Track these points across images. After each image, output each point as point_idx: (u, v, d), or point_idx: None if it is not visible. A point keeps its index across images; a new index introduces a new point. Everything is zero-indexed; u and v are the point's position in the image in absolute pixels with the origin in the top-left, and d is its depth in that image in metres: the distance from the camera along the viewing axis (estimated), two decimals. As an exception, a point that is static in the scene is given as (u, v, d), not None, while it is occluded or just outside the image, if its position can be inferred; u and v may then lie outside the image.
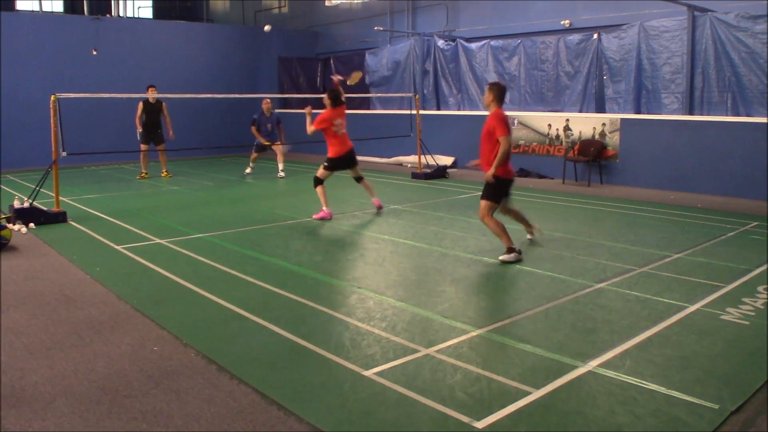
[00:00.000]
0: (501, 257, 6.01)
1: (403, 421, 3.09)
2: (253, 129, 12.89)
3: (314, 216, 8.21)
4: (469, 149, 14.36)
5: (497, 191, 6.11)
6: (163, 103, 12.49)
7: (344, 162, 8.36)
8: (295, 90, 19.19)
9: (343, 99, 8.44)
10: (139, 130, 12.34)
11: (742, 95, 10.39)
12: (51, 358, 3.86)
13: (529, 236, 6.94)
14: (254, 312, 4.63)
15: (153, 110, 12.38)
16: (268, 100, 12.86)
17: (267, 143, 12.84)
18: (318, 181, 8.28)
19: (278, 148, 12.87)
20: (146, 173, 12.75)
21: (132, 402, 3.29)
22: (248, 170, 13.32)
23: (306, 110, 8.44)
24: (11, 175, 13.06)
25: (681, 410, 3.16)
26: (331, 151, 8.26)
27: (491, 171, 5.97)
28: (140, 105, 12.35)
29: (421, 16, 16.91)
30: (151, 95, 12.08)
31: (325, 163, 8.31)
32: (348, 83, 9.22)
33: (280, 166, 12.95)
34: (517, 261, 5.99)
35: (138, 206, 9.43)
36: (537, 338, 4.13)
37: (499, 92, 6.11)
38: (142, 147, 12.48)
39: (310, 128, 8.20)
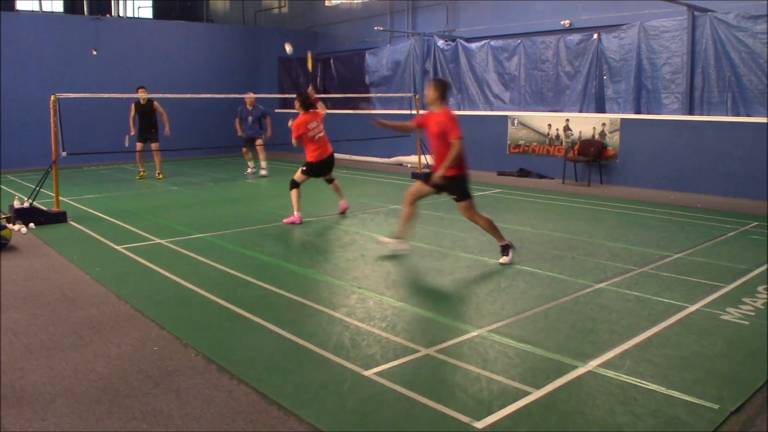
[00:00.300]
0: (501, 260, 6.00)
1: (403, 421, 3.09)
2: (237, 122, 13.06)
3: (284, 220, 8.03)
4: (469, 149, 14.28)
5: (466, 187, 6.03)
6: (155, 102, 12.44)
7: (324, 167, 8.20)
8: (295, 90, 19.16)
9: (313, 102, 8.22)
10: (132, 132, 12.31)
11: (742, 95, 10.39)
12: (51, 358, 3.86)
13: (394, 241, 6.35)
14: (254, 312, 4.63)
15: (145, 111, 12.34)
16: (251, 93, 13.00)
17: (241, 134, 13.01)
18: (294, 184, 8.07)
19: (260, 147, 12.93)
20: (144, 171, 12.75)
21: (132, 402, 3.29)
22: (249, 170, 13.33)
23: (289, 124, 8.16)
24: (11, 175, 13.06)
25: (681, 410, 3.16)
26: (309, 156, 8.06)
27: (440, 173, 5.88)
28: (132, 107, 12.34)
29: (421, 16, 16.91)
30: (142, 96, 12.04)
31: (304, 167, 8.12)
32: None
33: (263, 164, 13.01)
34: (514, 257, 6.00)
35: (138, 206, 9.43)
36: (537, 338, 4.13)
37: (443, 89, 5.98)
38: (138, 146, 12.45)
39: (294, 140, 8.02)
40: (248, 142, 13.13)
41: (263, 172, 12.96)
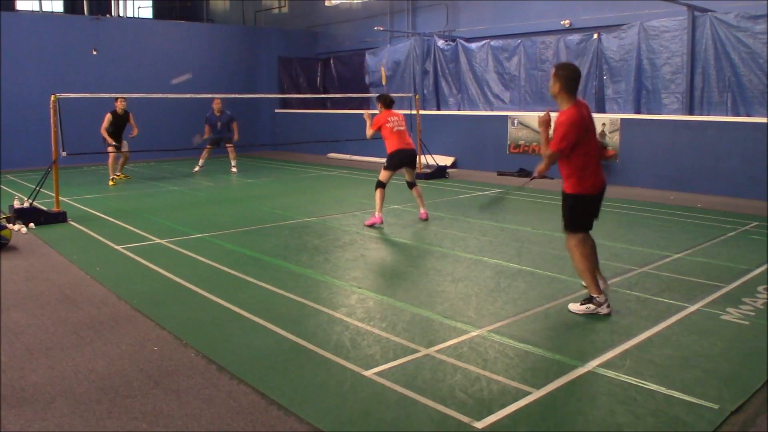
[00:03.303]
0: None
1: (403, 421, 3.09)
2: (207, 128, 13.36)
3: (366, 222, 7.89)
4: (470, 149, 14.40)
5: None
6: (131, 114, 12.13)
7: (404, 158, 8.02)
8: (295, 90, 19.19)
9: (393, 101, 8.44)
10: (110, 141, 11.83)
11: (742, 95, 10.39)
12: (51, 358, 3.86)
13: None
14: (254, 312, 4.63)
15: (121, 121, 11.99)
16: (218, 100, 13.24)
17: (207, 136, 13.33)
18: (379, 184, 7.93)
19: (231, 148, 13.50)
20: (117, 176, 12.36)
21: (132, 402, 3.29)
22: (198, 168, 13.59)
23: (365, 115, 8.33)
24: (11, 175, 13.06)
25: (681, 410, 3.16)
26: (389, 148, 8.04)
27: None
28: (108, 117, 11.85)
29: (421, 16, 16.91)
30: (120, 107, 11.79)
31: (384, 164, 8.04)
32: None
33: (233, 162, 13.65)
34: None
35: (138, 206, 9.43)
36: (537, 338, 4.13)
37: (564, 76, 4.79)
38: (109, 150, 11.96)
39: (369, 132, 8.17)
40: (214, 142, 13.46)
41: (234, 170, 13.58)
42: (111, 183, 12.12)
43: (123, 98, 11.99)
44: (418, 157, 12.81)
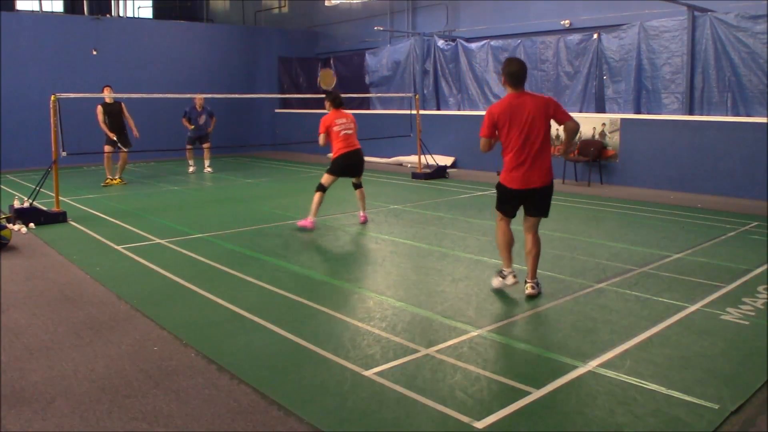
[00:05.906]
0: None
1: (403, 421, 3.09)
2: (184, 120, 13.38)
3: (298, 222, 7.67)
4: (470, 149, 14.38)
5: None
6: (122, 104, 11.73)
7: (350, 164, 7.74)
8: (295, 90, 19.20)
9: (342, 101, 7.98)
10: (111, 136, 11.45)
11: (742, 95, 10.39)
12: (51, 358, 3.86)
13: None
14: (254, 312, 4.63)
15: (114, 112, 11.54)
16: (200, 96, 13.21)
17: (191, 131, 13.39)
18: (319, 187, 7.69)
19: (207, 147, 13.57)
20: (111, 179, 11.85)
21: (132, 402, 3.29)
22: (191, 169, 13.72)
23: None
24: (11, 175, 13.06)
25: (681, 410, 3.16)
26: (334, 152, 7.72)
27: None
28: (99, 108, 11.48)
29: (421, 16, 16.91)
30: (108, 95, 11.33)
31: (329, 167, 7.76)
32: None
33: (206, 162, 13.71)
34: None
35: (138, 206, 9.43)
36: (537, 338, 4.13)
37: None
38: (106, 149, 11.62)
39: (320, 137, 7.70)
40: (195, 140, 13.47)
41: (209, 169, 13.65)
42: (104, 184, 11.69)
43: (109, 86, 11.58)
44: (419, 156, 12.84)
